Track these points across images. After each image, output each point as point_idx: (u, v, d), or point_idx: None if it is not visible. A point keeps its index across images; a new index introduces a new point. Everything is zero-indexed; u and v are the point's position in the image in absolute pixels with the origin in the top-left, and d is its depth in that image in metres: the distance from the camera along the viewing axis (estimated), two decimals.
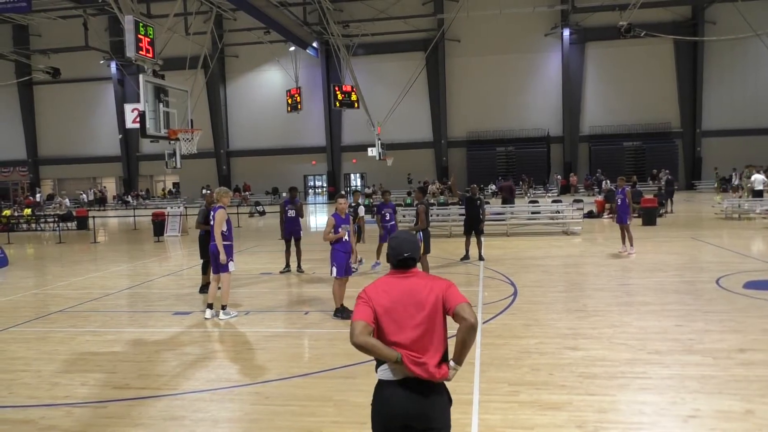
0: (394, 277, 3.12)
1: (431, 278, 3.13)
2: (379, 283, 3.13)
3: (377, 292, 3.05)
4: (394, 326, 2.97)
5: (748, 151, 37.45)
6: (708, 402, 5.20)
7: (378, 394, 3.03)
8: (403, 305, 2.99)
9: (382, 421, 3.00)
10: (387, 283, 3.10)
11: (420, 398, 2.96)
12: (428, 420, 2.97)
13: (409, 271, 3.13)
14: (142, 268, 14.83)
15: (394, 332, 2.97)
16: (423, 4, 41.92)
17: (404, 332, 2.96)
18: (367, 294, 3.06)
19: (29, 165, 50.55)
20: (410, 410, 2.94)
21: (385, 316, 2.98)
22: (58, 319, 9.24)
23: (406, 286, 3.05)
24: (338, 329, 8.01)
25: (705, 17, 39.97)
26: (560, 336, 7.32)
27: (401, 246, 3.15)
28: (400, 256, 3.13)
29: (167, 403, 5.66)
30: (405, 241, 3.17)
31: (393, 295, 3.02)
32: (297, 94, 34.91)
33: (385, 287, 3.07)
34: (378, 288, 3.08)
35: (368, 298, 3.04)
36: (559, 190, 40.07)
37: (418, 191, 12.25)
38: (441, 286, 3.05)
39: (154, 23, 15.11)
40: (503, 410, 5.17)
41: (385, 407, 2.99)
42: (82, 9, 35.45)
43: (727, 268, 11.48)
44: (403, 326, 2.97)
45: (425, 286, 3.05)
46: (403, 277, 3.10)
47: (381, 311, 2.99)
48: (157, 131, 14.46)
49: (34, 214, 29.51)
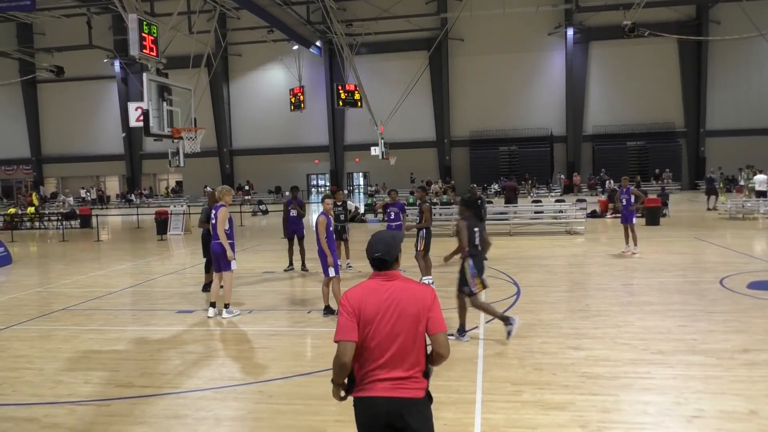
0: (376, 282, 3.08)
1: (414, 286, 3.09)
2: (362, 288, 3.08)
3: (360, 300, 3.01)
4: (373, 333, 2.96)
5: (752, 152, 37.33)
6: (712, 402, 5.18)
7: (358, 401, 3.06)
8: (384, 313, 2.96)
9: (367, 422, 3.02)
10: (370, 288, 3.05)
11: (399, 400, 2.96)
12: (403, 417, 2.96)
13: (389, 274, 3.08)
14: (145, 266, 14.85)
15: (372, 338, 2.96)
16: (426, 3, 41.89)
17: (383, 340, 2.96)
18: (350, 303, 3.02)
19: (33, 163, 50.68)
20: (391, 410, 2.95)
21: (366, 325, 2.96)
22: (61, 317, 9.26)
23: (389, 292, 3.01)
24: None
25: (709, 17, 39.86)
26: (563, 336, 7.31)
27: (374, 245, 3.12)
28: (371, 256, 3.11)
29: (170, 401, 5.66)
30: (379, 242, 3.13)
31: (375, 302, 2.99)
32: (300, 93, 34.89)
33: (368, 293, 3.03)
34: (361, 294, 3.04)
35: (351, 308, 3.00)
36: (562, 190, 40.02)
37: (420, 190, 12.25)
38: (425, 300, 3.02)
39: (157, 22, 15.11)
40: (506, 410, 5.16)
41: (366, 410, 3.01)
42: (86, 7, 35.50)
43: (731, 269, 11.44)
44: (382, 334, 2.96)
45: (408, 295, 3.01)
46: (385, 281, 3.06)
47: (363, 320, 2.97)
48: (160, 130, 14.45)
49: (37, 211, 29.59)
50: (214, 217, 8.77)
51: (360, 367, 3.02)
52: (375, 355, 2.96)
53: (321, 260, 8.49)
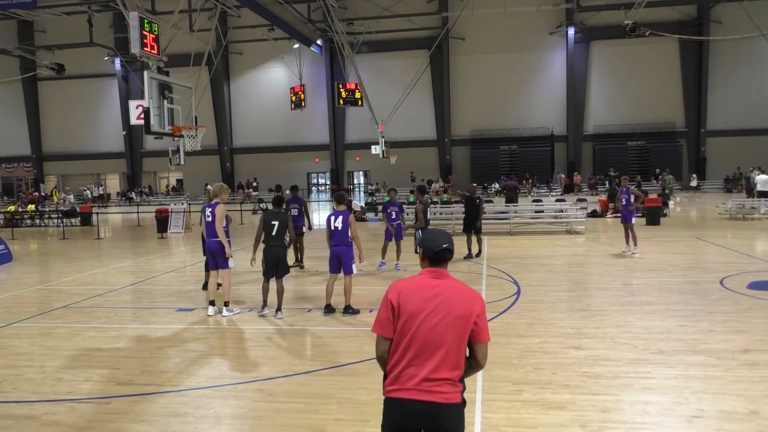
0: (425, 278, 3.02)
1: (465, 289, 3.04)
2: (409, 282, 3.02)
3: (405, 294, 2.95)
4: (417, 329, 2.89)
5: (753, 152, 37.31)
6: (712, 402, 5.18)
7: (392, 401, 2.96)
8: (431, 311, 2.90)
9: (397, 424, 2.94)
10: (417, 284, 3.00)
11: (435, 405, 2.89)
12: (438, 421, 2.90)
13: (441, 272, 3.03)
14: (145, 264, 14.85)
15: (415, 334, 2.89)
16: (427, 2, 41.85)
17: (427, 337, 2.88)
18: (394, 295, 2.97)
19: (33, 161, 50.67)
20: (427, 413, 2.88)
21: (408, 320, 2.91)
22: (61, 315, 9.26)
23: (437, 290, 2.95)
24: (341, 327, 8.02)
25: (710, 17, 39.81)
26: (563, 335, 7.31)
27: (439, 238, 3.06)
28: (438, 248, 3.02)
29: (170, 399, 5.66)
30: (441, 234, 3.11)
31: (421, 298, 2.93)
32: (301, 91, 34.90)
33: (414, 288, 2.97)
34: (407, 288, 2.98)
35: (394, 301, 2.95)
36: (562, 190, 40.02)
37: (417, 190, 12.25)
38: (475, 305, 2.96)
39: (158, 20, 15.09)
40: (506, 409, 5.16)
41: (400, 411, 2.92)
42: (87, 5, 35.48)
43: (732, 269, 11.44)
44: (425, 331, 2.88)
45: (458, 295, 2.96)
46: (435, 278, 3.00)
47: (406, 315, 2.91)
48: (161, 128, 14.43)
49: (37, 209, 29.58)
50: (210, 215, 8.77)
51: (397, 362, 2.93)
52: (417, 351, 2.88)
53: (347, 258, 8.58)
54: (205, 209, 8.98)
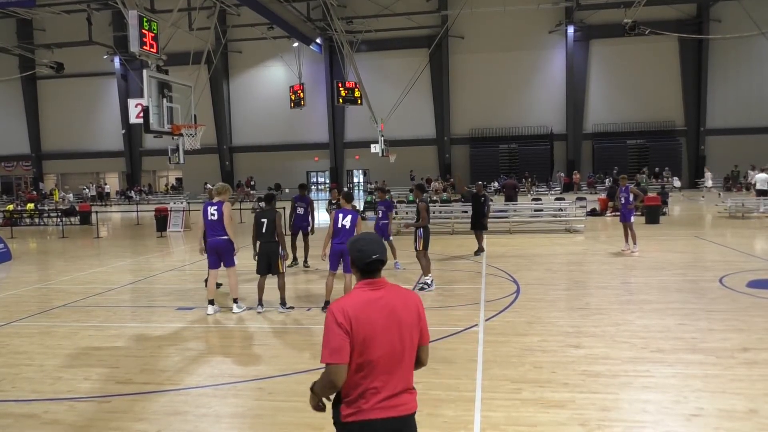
0: (366, 291, 2.82)
1: (405, 293, 2.93)
2: (353, 300, 2.79)
3: (355, 314, 2.73)
4: (374, 349, 2.74)
5: (753, 150, 37.30)
6: (711, 401, 5.19)
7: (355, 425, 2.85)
8: (385, 327, 2.76)
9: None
10: (363, 300, 2.79)
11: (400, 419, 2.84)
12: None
13: (378, 282, 2.85)
14: (144, 263, 14.85)
15: (373, 355, 2.74)
16: (427, 1, 41.79)
17: (384, 355, 2.77)
18: (344, 318, 2.72)
19: (32, 160, 50.61)
20: (391, 426, 2.83)
21: (365, 341, 2.73)
22: (61, 314, 9.27)
23: (383, 302, 2.80)
24: None
25: (710, 15, 39.78)
26: (563, 334, 7.32)
27: (370, 247, 2.85)
28: (368, 259, 2.82)
29: (170, 398, 5.67)
30: (373, 242, 2.88)
31: (372, 315, 2.75)
32: (300, 90, 34.86)
33: (362, 306, 2.77)
34: (355, 308, 2.75)
35: (346, 325, 2.71)
36: (562, 188, 40.03)
37: (417, 189, 12.26)
38: (418, 308, 2.90)
39: (158, 18, 15.07)
40: (506, 408, 5.17)
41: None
42: (86, 4, 35.39)
43: (731, 267, 11.45)
44: (384, 349, 2.76)
45: (402, 303, 2.85)
46: (376, 289, 2.83)
47: (361, 337, 2.71)
48: (160, 126, 14.42)
49: (36, 208, 29.57)
50: (216, 213, 8.79)
51: (355, 385, 2.77)
52: (376, 371, 2.75)
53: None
54: (207, 208, 8.97)
